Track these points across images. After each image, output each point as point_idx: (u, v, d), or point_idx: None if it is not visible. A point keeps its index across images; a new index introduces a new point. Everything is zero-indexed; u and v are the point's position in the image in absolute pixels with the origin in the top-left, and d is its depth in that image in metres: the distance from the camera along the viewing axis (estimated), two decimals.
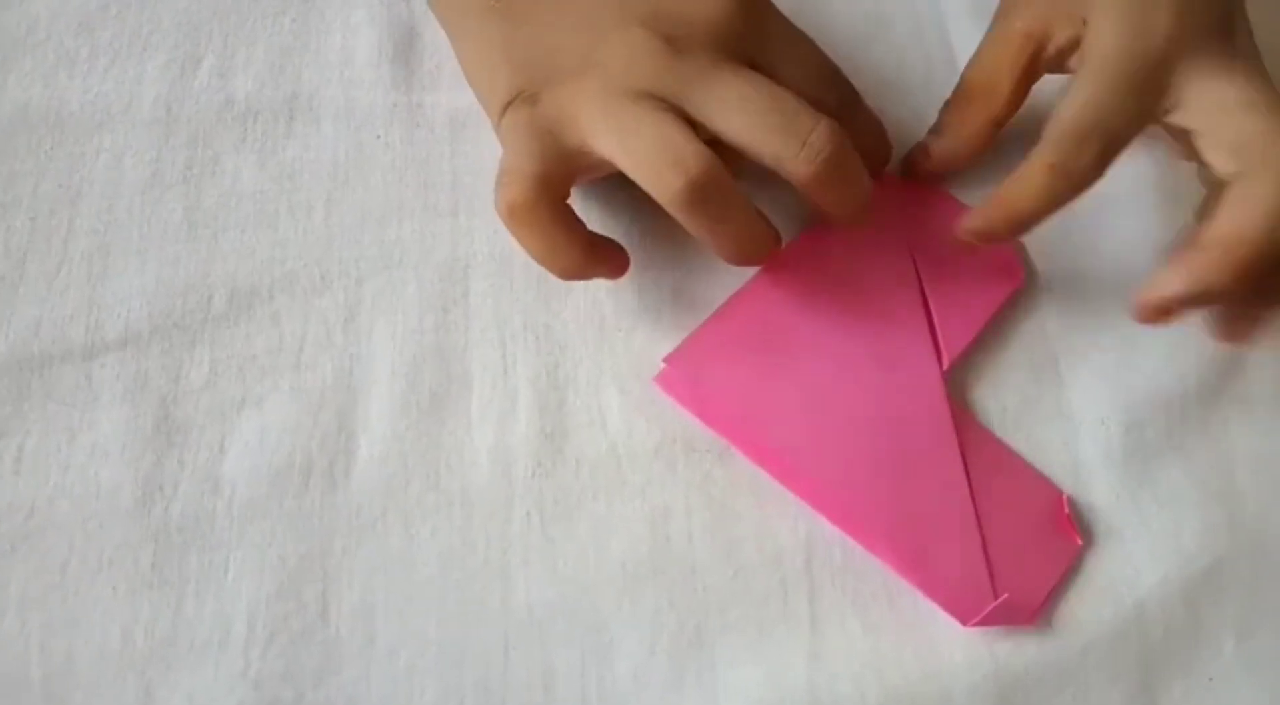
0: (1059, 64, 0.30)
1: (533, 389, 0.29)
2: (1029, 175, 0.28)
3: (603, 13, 0.27)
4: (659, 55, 0.26)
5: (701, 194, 0.25)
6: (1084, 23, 0.29)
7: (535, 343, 0.29)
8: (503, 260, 0.30)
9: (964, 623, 0.27)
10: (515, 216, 0.26)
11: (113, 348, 0.28)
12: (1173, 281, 0.27)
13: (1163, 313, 0.27)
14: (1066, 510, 0.29)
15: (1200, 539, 0.30)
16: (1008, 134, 0.31)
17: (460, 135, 0.32)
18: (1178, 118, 0.28)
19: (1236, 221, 0.26)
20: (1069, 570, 0.29)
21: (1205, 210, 0.29)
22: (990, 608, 0.27)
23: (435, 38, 0.33)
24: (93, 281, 0.29)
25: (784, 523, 0.28)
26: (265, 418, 0.28)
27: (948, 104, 0.31)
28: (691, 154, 0.25)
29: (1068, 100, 0.28)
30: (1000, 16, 0.30)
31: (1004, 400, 0.31)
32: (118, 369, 0.28)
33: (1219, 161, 0.28)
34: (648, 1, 0.27)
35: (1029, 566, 0.28)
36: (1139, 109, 0.28)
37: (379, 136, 0.32)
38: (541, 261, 0.27)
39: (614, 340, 0.30)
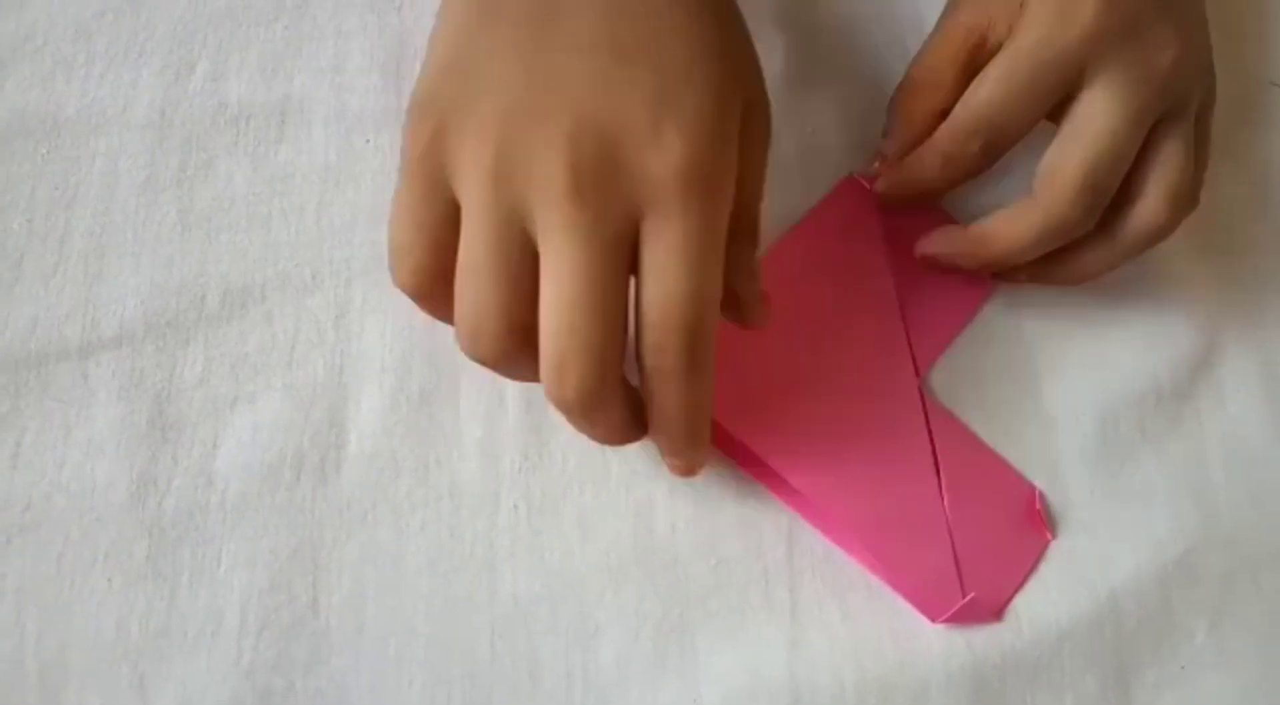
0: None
1: (519, 384, 0.29)
2: (926, 160, 0.31)
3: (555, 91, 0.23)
4: (554, 182, 0.22)
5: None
6: (1020, 11, 0.29)
7: None
8: None
9: (932, 620, 0.28)
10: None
11: (108, 346, 0.28)
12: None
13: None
14: (1038, 505, 0.30)
15: (1173, 530, 0.30)
16: None
17: None
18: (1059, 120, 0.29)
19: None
20: (1038, 564, 0.29)
21: None
22: (957, 606, 0.28)
23: (424, 44, 0.34)
24: (89, 281, 0.29)
25: (765, 514, 0.29)
26: (258, 414, 0.28)
27: (892, 101, 0.31)
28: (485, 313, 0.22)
29: (971, 95, 0.29)
30: (947, 9, 0.31)
31: (983, 398, 0.31)
32: (113, 367, 0.28)
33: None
34: (604, 106, 0.22)
35: (998, 562, 0.29)
36: (1034, 112, 0.29)
37: (369, 140, 0.32)
38: None
39: None
